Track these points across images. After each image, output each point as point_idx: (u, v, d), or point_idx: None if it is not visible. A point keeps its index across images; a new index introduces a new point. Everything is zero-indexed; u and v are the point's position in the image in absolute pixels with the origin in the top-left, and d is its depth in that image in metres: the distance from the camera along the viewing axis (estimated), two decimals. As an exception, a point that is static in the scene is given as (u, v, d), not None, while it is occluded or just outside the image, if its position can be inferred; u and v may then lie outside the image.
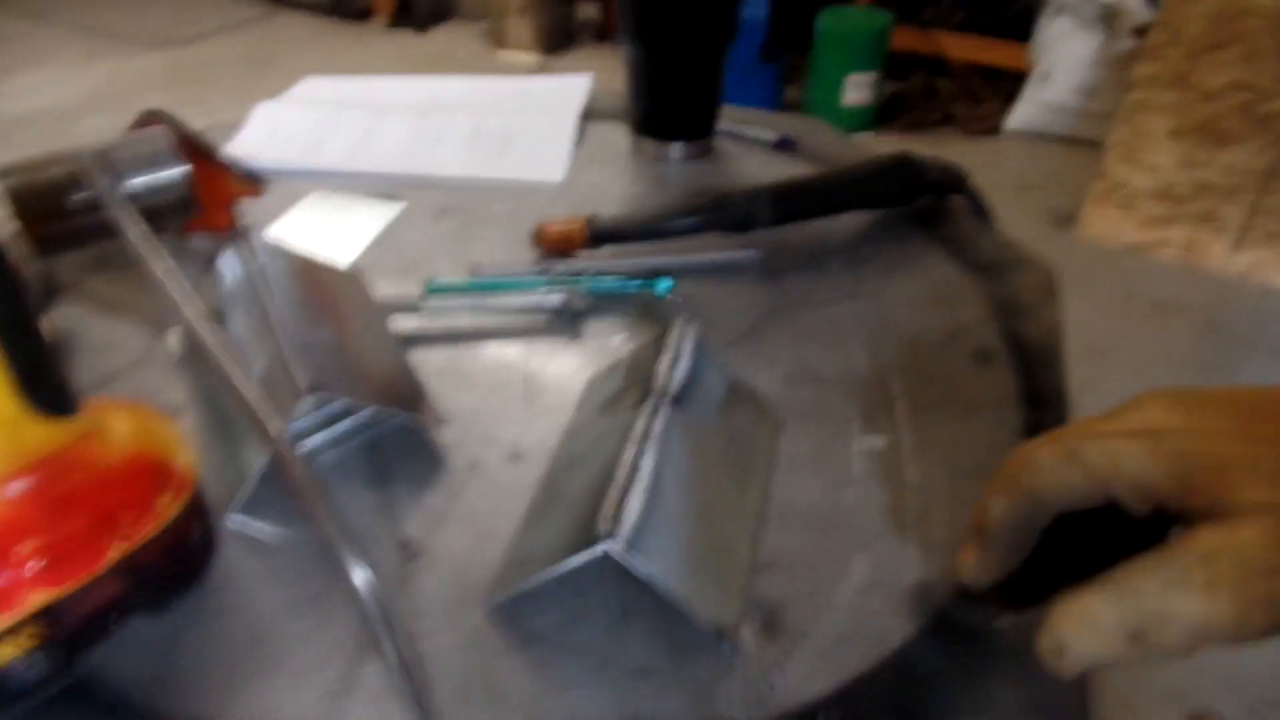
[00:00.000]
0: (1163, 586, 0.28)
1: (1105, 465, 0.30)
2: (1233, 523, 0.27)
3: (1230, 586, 0.27)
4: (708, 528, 0.39)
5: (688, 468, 0.40)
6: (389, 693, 0.36)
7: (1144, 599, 0.28)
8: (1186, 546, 0.28)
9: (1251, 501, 0.27)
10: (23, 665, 0.34)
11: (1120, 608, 0.29)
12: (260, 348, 0.46)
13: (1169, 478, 0.29)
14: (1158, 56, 1.95)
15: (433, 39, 3.50)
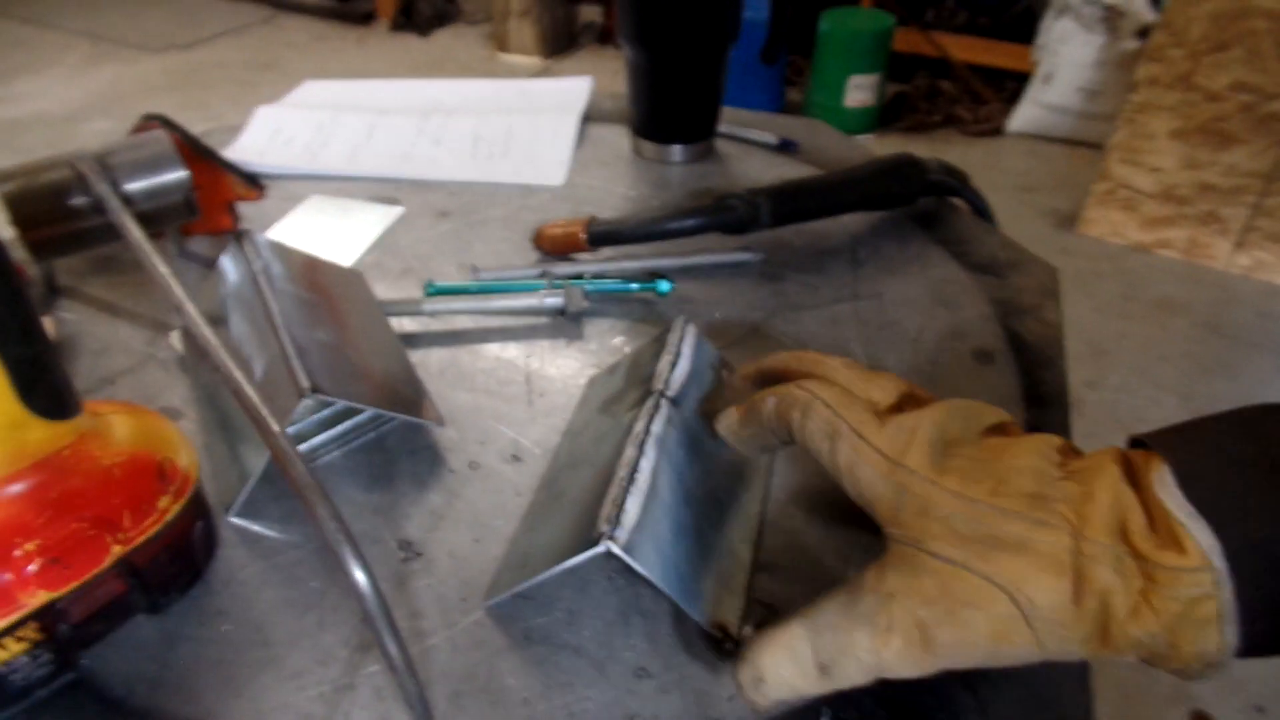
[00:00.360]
0: (850, 624, 0.31)
1: (846, 466, 0.34)
2: (915, 569, 0.31)
3: (903, 632, 0.30)
4: (707, 527, 0.39)
5: (687, 467, 0.40)
6: (389, 692, 0.36)
7: (835, 637, 0.31)
8: (874, 587, 0.31)
9: (939, 554, 0.30)
10: (23, 664, 0.34)
11: (814, 643, 0.32)
12: (261, 349, 0.46)
13: (887, 505, 0.32)
14: (1160, 58, 1.95)
15: (434, 42, 3.51)
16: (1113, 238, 2.19)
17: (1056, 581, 0.29)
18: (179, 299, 0.41)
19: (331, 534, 0.31)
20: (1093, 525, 0.29)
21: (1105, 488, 0.29)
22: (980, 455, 0.32)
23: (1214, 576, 0.27)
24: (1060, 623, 0.29)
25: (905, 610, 0.30)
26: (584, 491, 0.39)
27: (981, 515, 0.30)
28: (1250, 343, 1.88)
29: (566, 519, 0.39)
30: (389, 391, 0.47)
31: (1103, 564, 0.28)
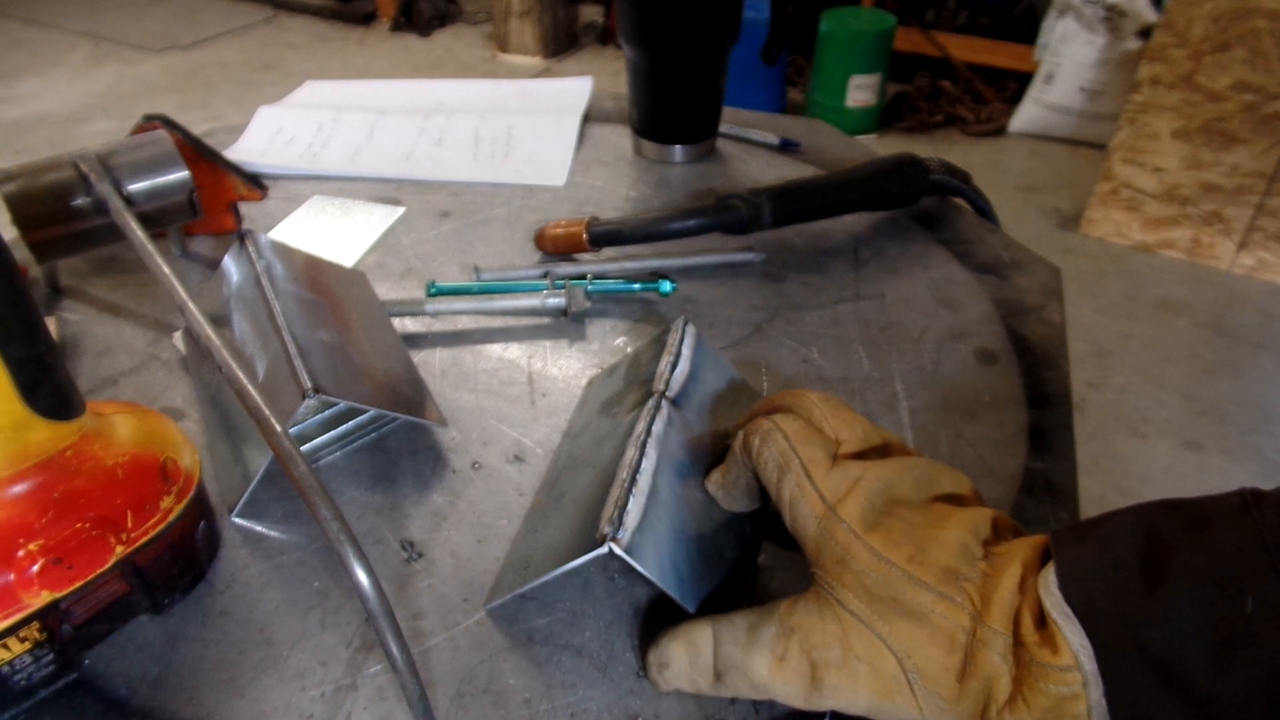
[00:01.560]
0: (750, 646, 0.33)
1: (789, 500, 0.35)
2: (822, 612, 0.32)
3: (795, 667, 0.32)
4: (707, 527, 0.39)
5: (687, 468, 0.40)
6: (390, 693, 0.36)
7: (734, 651, 0.33)
8: (782, 618, 0.33)
9: (844, 604, 0.32)
10: (26, 664, 0.34)
11: (716, 651, 0.34)
12: (263, 349, 0.46)
13: (813, 546, 0.34)
14: (1162, 57, 1.95)
15: (435, 42, 3.51)
16: (1115, 238, 2.19)
17: (946, 657, 0.30)
18: (181, 299, 0.41)
19: (334, 534, 0.31)
20: (992, 612, 0.30)
21: (1010, 577, 0.30)
22: (915, 520, 0.33)
23: (1082, 677, 0.28)
24: (941, 696, 0.30)
25: (802, 647, 0.32)
26: (585, 493, 0.39)
27: (893, 578, 0.31)
28: (1254, 343, 1.88)
29: (568, 520, 0.39)
30: (391, 392, 0.47)
31: (992, 650, 0.29)
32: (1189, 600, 0.27)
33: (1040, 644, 0.29)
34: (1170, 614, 0.27)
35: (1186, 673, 0.26)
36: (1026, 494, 0.46)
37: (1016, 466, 0.47)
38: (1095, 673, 0.27)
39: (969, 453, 0.48)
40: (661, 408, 0.41)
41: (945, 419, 0.51)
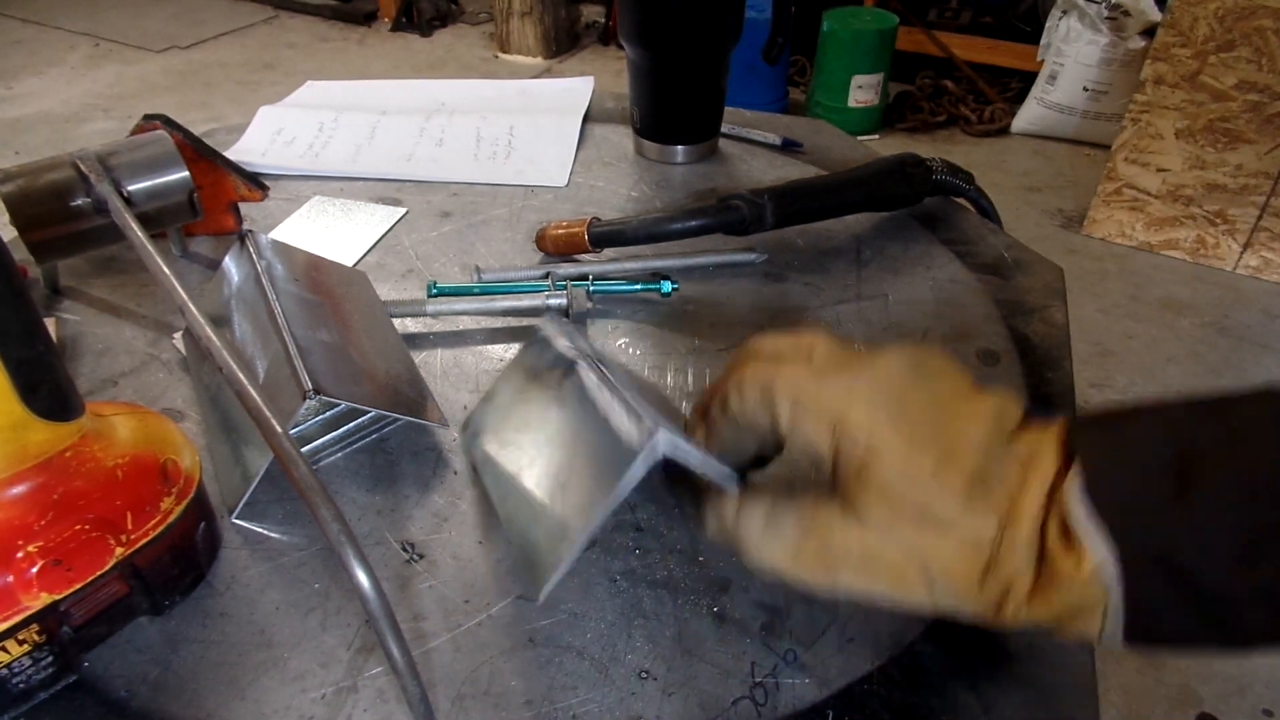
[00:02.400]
0: (768, 535, 0.34)
1: (788, 421, 0.34)
2: (844, 514, 0.32)
3: (809, 558, 0.33)
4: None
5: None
6: (391, 694, 0.36)
7: (753, 536, 0.34)
8: (801, 516, 0.33)
9: (868, 511, 0.31)
10: (25, 666, 0.34)
11: (738, 530, 0.34)
12: (264, 349, 0.46)
13: (828, 452, 0.33)
14: (1166, 57, 1.95)
15: (436, 42, 3.51)
16: (1119, 238, 2.18)
17: (969, 565, 0.30)
18: (181, 300, 0.41)
19: (334, 535, 0.31)
20: (1019, 519, 0.30)
21: (1039, 480, 0.30)
22: (934, 416, 0.32)
23: (1104, 585, 0.28)
24: (959, 595, 0.31)
25: (819, 547, 0.32)
26: (571, 446, 0.39)
27: (919, 487, 0.31)
28: (1258, 343, 1.88)
29: (578, 477, 0.38)
30: (392, 393, 0.47)
31: (1016, 556, 0.30)
32: (1219, 510, 0.27)
33: (1064, 553, 0.29)
34: (1198, 524, 0.27)
35: (1207, 578, 0.27)
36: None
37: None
38: (1117, 580, 0.28)
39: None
40: (593, 364, 0.41)
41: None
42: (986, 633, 0.38)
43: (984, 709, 0.36)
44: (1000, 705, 0.36)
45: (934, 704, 0.36)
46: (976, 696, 0.36)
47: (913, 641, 0.38)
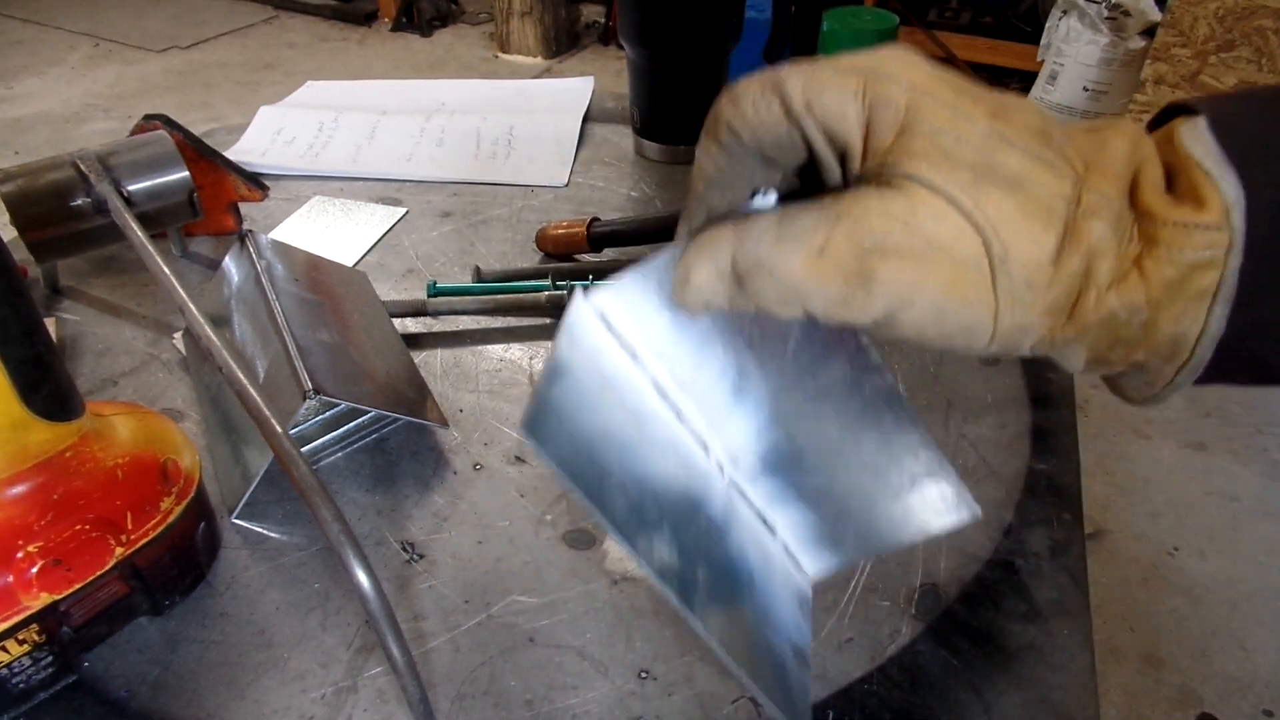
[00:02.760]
0: (778, 237, 0.25)
1: (801, 97, 0.26)
2: (880, 192, 0.25)
3: (837, 259, 0.25)
4: None
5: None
6: (391, 694, 0.36)
7: (759, 246, 0.26)
8: (821, 204, 0.25)
9: (916, 176, 0.24)
10: (25, 666, 0.34)
11: (739, 248, 0.26)
12: (264, 350, 0.46)
13: (858, 123, 0.25)
14: (1167, 57, 1.95)
15: (436, 42, 3.51)
16: (1117, 237, 2.18)
17: (1043, 233, 0.24)
18: (182, 300, 0.41)
19: (334, 535, 0.31)
20: (1101, 174, 0.24)
21: (1122, 136, 0.25)
22: (978, 90, 0.26)
23: (1229, 236, 0.23)
24: (1030, 283, 0.24)
25: (850, 235, 0.24)
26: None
27: (978, 136, 0.25)
28: (1255, 343, 1.88)
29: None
30: (392, 393, 0.47)
31: (1101, 219, 0.24)
32: None
33: (1176, 203, 0.24)
34: None
35: None
36: (1029, 495, 0.46)
37: (1019, 467, 0.47)
38: (1242, 234, 0.23)
39: (971, 454, 0.48)
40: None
41: (948, 420, 0.50)
42: (986, 633, 0.38)
43: (984, 709, 0.36)
44: (1000, 705, 0.36)
45: (934, 704, 0.36)
46: (977, 696, 0.36)
47: (913, 641, 0.38)
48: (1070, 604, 0.40)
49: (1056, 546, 0.43)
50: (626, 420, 0.30)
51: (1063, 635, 0.38)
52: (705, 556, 0.31)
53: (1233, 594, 1.34)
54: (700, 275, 0.27)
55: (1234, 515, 1.47)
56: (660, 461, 0.31)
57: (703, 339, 0.30)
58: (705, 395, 0.31)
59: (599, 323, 0.29)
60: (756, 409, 0.32)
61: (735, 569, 0.32)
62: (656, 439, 0.31)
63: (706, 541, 0.31)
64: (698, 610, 0.28)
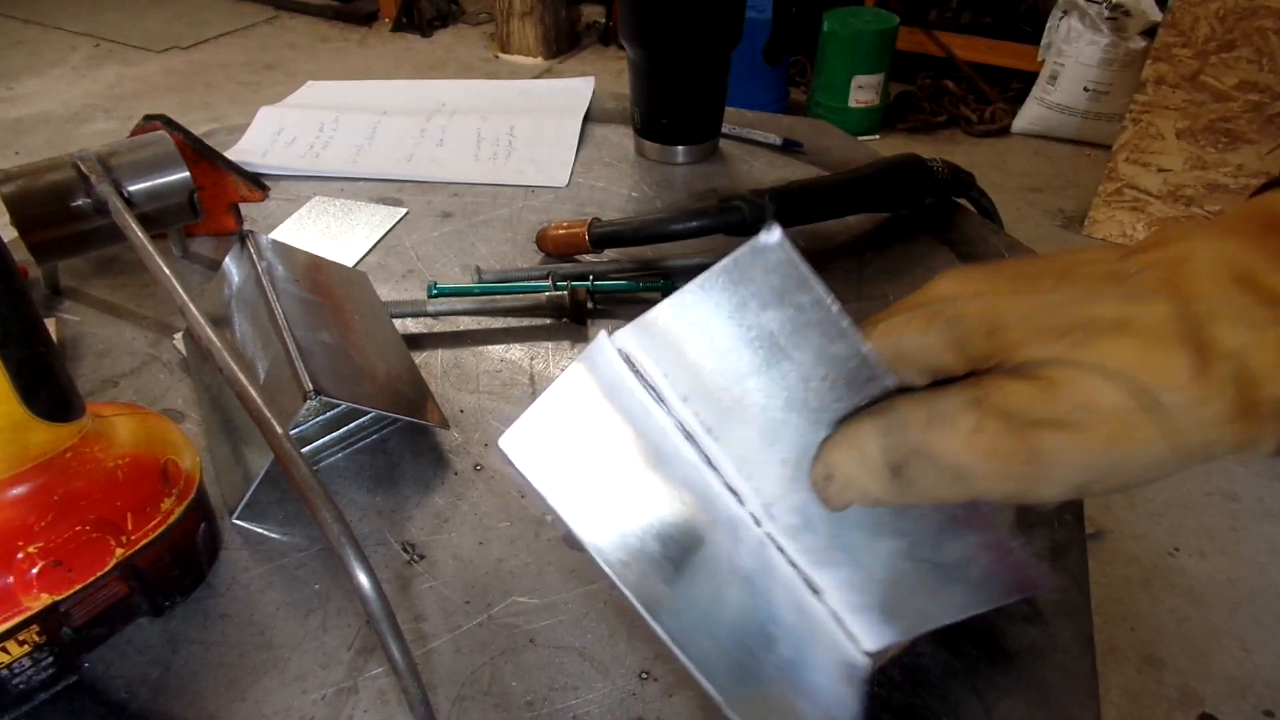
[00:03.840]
0: (928, 421, 0.26)
1: (888, 347, 0.28)
2: (1007, 380, 0.25)
3: (994, 435, 0.25)
4: None
5: None
6: (392, 695, 0.36)
7: (909, 432, 0.26)
8: (961, 388, 0.26)
9: (1032, 360, 0.25)
10: (25, 667, 0.34)
11: (886, 439, 0.27)
12: (265, 350, 0.46)
13: (947, 348, 0.27)
14: (1167, 57, 1.95)
15: (436, 43, 3.51)
16: (1120, 238, 2.18)
17: (1173, 356, 0.24)
18: (182, 300, 0.41)
19: (335, 536, 0.31)
20: (1197, 283, 0.24)
21: (1202, 244, 0.25)
22: (1018, 266, 0.27)
23: None
24: (1188, 403, 0.24)
25: (999, 413, 0.25)
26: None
27: (1062, 304, 0.25)
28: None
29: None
30: (393, 393, 0.47)
31: (1225, 321, 0.23)
32: None
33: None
34: None
35: None
36: (1031, 496, 0.46)
37: (1021, 468, 0.47)
38: None
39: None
40: None
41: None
42: (987, 633, 0.38)
43: (985, 710, 0.36)
44: (1001, 706, 0.36)
45: (934, 704, 0.36)
46: (977, 697, 0.36)
47: (913, 642, 0.38)
48: (1071, 605, 0.40)
49: (1057, 547, 0.43)
50: (636, 458, 0.30)
51: (1063, 636, 0.38)
52: (718, 604, 0.30)
53: (1233, 594, 1.34)
54: (847, 470, 0.28)
55: (1234, 515, 1.46)
56: (673, 504, 0.30)
57: (737, 378, 0.29)
58: (737, 441, 0.30)
59: (620, 361, 0.29)
60: (798, 457, 0.30)
61: (761, 627, 0.31)
62: (674, 481, 0.30)
63: (723, 590, 0.30)
64: (692, 653, 0.30)
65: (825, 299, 0.27)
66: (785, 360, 0.28)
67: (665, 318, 0.29)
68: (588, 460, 0.29)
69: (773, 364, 0.28)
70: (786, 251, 0.27)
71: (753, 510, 0.31)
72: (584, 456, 0.29)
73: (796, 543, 0.31)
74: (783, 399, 0.29)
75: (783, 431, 0.29)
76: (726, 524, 0.31)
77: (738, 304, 0.28)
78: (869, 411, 0.27)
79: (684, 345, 0.29)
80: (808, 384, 0.28)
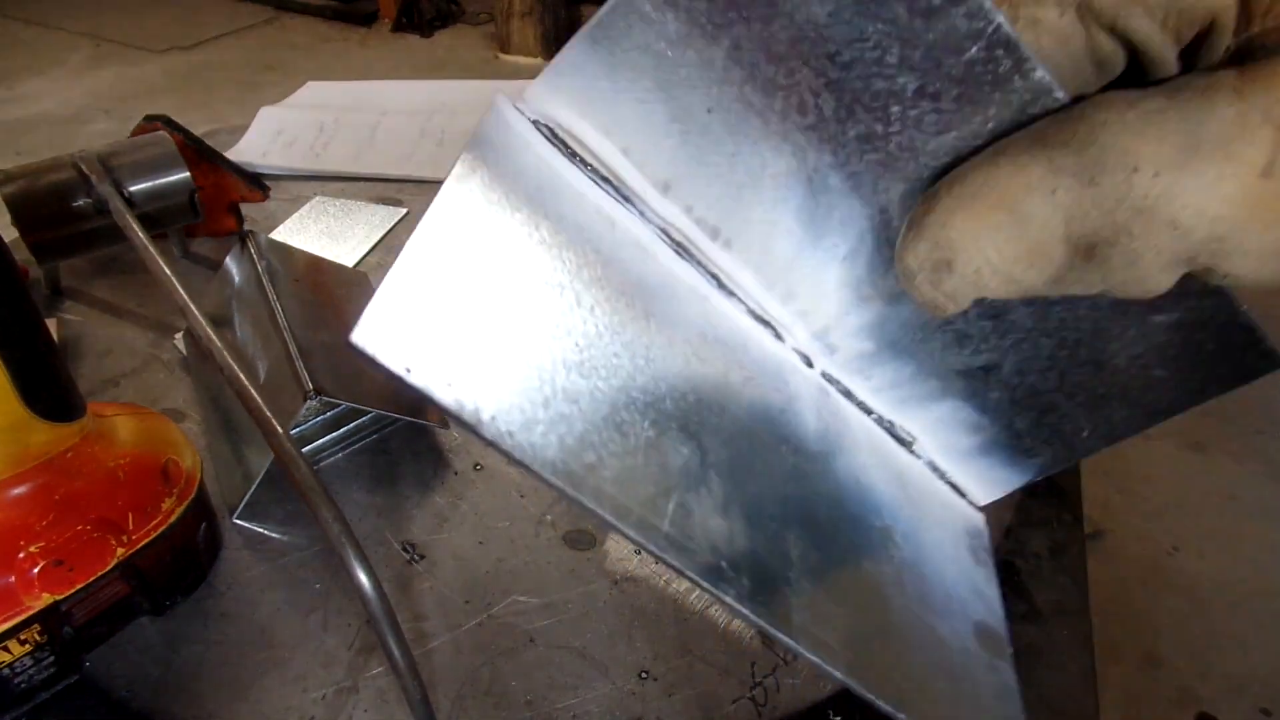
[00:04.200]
0: (1190, 152, 0.15)
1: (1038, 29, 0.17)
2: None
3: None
4: None
5: None
6: (392, 695, 0.36)
7: (1131, 179, 0.16)
8: (1210, 89, 0.15)
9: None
10: (26, 667, 0.34)
11: (1076, 190, 0.16)
12: (265, 350, 0.46)
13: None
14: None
15: (437, 43, 3.51)
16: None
17: None
18: (182, 300, 0.41)
19: (335, 536, 0.31)
20: None
21: None
22: None
23: None
24: None
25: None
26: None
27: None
28: (1255, 343, 1.88)
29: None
30: (393, 393, 0.47)
31: None
32: None
33: None
34: None
35: None
36: (1029, 495, 0.46)
37: (1019, 468, 0.47)
38: None
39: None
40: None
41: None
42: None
43: (984, 709, 0.36)
44: (1000, 705, 0.36)
45: (934, 704, 0.36)
46: (976, 696, 0.36)
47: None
48: (1070, 604, 0.40)
49: (1056, 547, 0.43)
50: (601, 303, 0.18)
51: (1062, 635, 0.39)
52: (783, 503, 0.19)
53: (1232, 594, 1.34)
54: (984, 250, 0.17)
55: (1233, 515, 1.47)
56: (675, 363, 0.18)
57: (754, 136, 0.17)
58: (759, 242, 0.19)
59: (542, 142, 0.18)
60: (871, 249, 0.18)
61: (854, 519, 0.21)
62: (671, 325, 0.18)
63: (776, 480, 0.19)
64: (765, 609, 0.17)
65: None
66: (840, 85, 0.16)
67: (608, 42, 0.17)
68: (508, 325, 0.17)
69: (819, 92, 0.16)
70: None
71: (799, 345, 0.21)
72: (501, 320, 0.17)
73: (870, 379, 0.21)
74: (839, 151, 0.17)
75: (837, 207, 0.18)
76: (766, 375, 0.20)
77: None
78: (1018, 140, 0.16)
79: (652, 94, 0.17)
80: (884, 108, 0.16)
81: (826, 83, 0.15)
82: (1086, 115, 0.16)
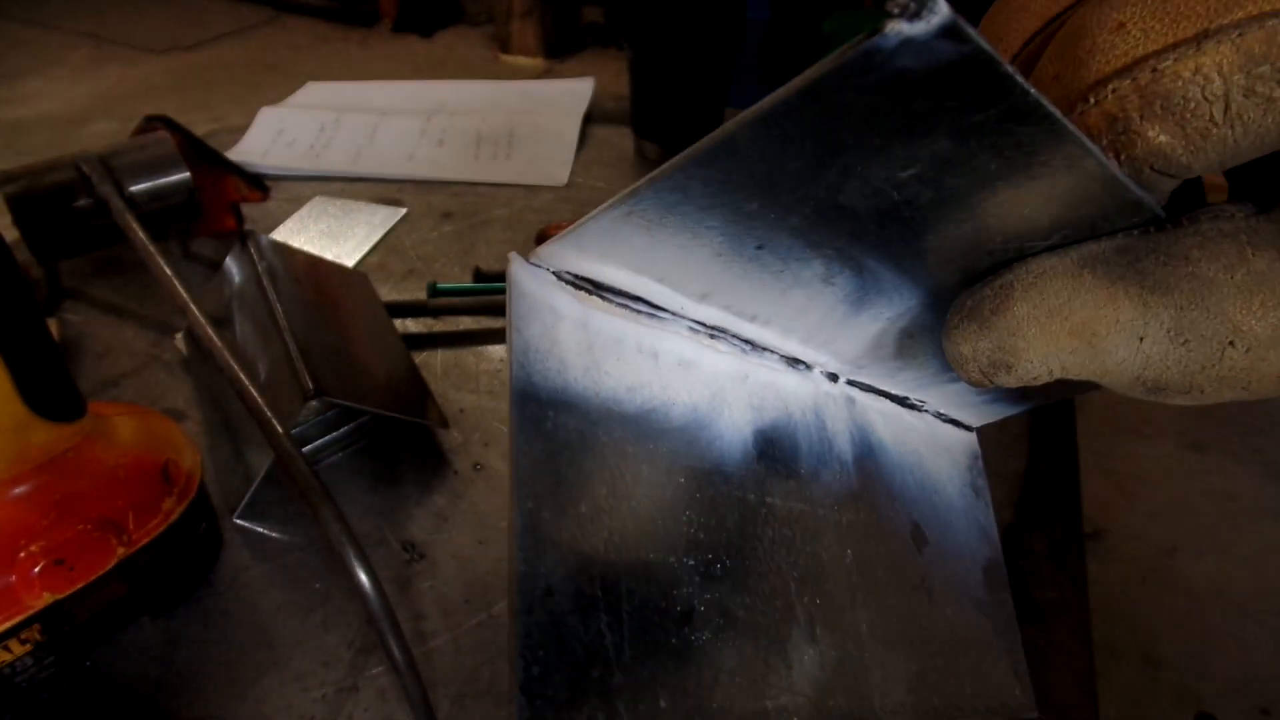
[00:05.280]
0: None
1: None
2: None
3: None
4: None
5: None
6: (392, 694, 0.36)
7: (1185, 277, 0.15)
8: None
9: None
10: (27, 666, 0.34)
11: (1147, 301, 0.15)
12: (265, 350, 0.46)
13: None
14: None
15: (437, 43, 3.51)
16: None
17: None
18: (183, 300, 0.41)
19: (335, 535, 0.31)
20: None
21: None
22: None
23: None
24: None
25: None
26: None
27: None
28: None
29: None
30: (393, 393, 0.47)
31: None
32: None
33: None
34: None
35: None
36: (1029, 495, 0.46)
37: (1019, 467, 0.47)
38: None
39: (971, 454, 0.48)
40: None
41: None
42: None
43: (983, 708, 0.36)
44: (999, 704, 0.36)
45: (933, 703, 0.36)
46: (975, 696, 0.36)
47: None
48: (1069, 604, 0.40)
49: (1056, 546, 0.43)
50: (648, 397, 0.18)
51: (1062, 635, 0.39)
52: (850, 590, 0.20)
53: (1231, 594, 1.34)
54: (1049, 353, 0.16)
55: (1232, 515, 1.47)
56: (724, 439, 0.19)
57: (795, 271, 0.18)
58: (798, 318, 0.20)
59: (568, 298, 0.19)
60: (896, 319, 0.20)
61: (894, 550, 0.22)
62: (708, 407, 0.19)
63: (840, 559, 0.20)
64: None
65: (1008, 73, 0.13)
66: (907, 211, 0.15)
67: (644, 219, 0.17)
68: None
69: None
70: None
71: (825, 367, 0.22)
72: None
73: (895, 378, 0.23)
74: (898, 254, 0.17)
75: (884, 287, 0.18)
76: (802, 410, 0.21)
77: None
78: (1108, 257, 0.15)
79: (694, 240, 0.17)
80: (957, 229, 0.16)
81: (892, 205, 0.15)
82: (1192, 259, 0.14)
